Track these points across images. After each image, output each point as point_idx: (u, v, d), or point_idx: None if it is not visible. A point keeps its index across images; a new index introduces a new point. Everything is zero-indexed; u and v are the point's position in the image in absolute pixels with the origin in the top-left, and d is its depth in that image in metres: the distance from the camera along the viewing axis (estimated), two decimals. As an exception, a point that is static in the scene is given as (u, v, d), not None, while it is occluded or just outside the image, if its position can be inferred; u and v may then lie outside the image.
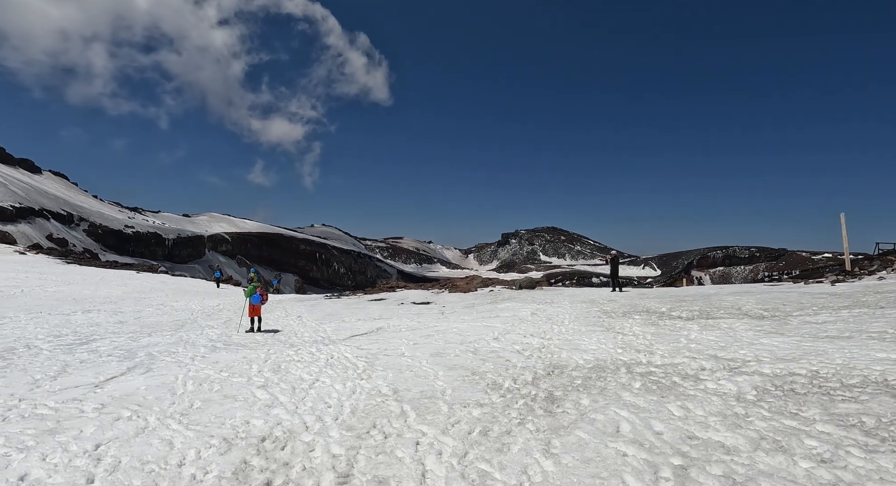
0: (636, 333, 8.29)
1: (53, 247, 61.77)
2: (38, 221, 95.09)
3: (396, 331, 10.54)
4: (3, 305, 13.79)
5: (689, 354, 6.15)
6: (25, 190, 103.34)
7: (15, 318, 11.93)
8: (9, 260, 26.36)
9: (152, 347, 8.88)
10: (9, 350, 8.36)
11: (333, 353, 8.23)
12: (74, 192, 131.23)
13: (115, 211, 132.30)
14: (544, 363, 6.57)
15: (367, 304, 17.15)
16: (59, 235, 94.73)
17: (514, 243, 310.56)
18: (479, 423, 4.13)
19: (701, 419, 3.66)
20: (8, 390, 5.86)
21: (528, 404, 4.67)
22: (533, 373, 6.01)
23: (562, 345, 7.80)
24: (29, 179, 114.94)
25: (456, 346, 8.32)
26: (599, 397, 4.59)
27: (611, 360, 6.41)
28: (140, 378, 6.42)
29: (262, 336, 10.44)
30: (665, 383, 4.93)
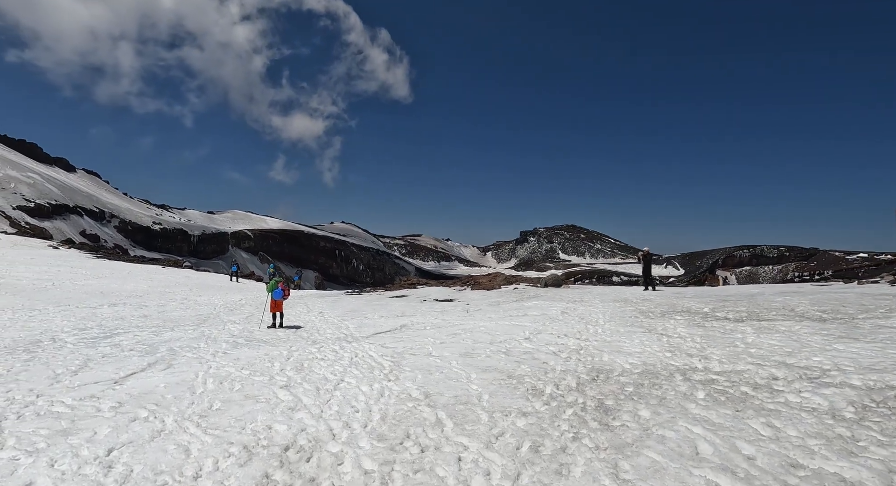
0: (682, 335, 7.63)
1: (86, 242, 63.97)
2: (72, 218, 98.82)
3: (421, 329, 10.13)
4: (34, 297, 14.00)
5: (753, 360, 5.50)
6: (61, 188, 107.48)
7: (44, 310, 12.04)
8: (43, 254, 27.15)
9: (174, 342, 8.70)
10: (35, 343, 8.31)
11: (357, 351, 7.87)
12: (105, 190, 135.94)
13: (143, 208, 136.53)
14: (586, 367, 6.03)
15: (389, 300, 16.83)
16: (92, 231, 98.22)
17: (533, 241, 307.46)
18: (526, 436, 3.65)
19: (798, 442, 3.08)
20: (28, 384, 5.68)
21: (578, 414, 4.15)
22: (576, 378, 5.48)
23: (601, 347, 7.23)
24: (64, 178, 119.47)
25: (486, 346, 7.85)
26: (661, 409, 4.04)
27: (661, 364, 5.82)
28: (160, 375, 6.18)
29: (283, 332, 10.18)
30: (734, 393, 4.33)
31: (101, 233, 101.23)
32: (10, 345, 8.06)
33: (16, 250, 27.32)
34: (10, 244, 29.81)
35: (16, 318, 10.77)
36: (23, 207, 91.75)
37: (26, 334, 9.01)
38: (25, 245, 31.23)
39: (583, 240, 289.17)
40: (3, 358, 7.11)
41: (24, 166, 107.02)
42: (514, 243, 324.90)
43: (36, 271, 19.79)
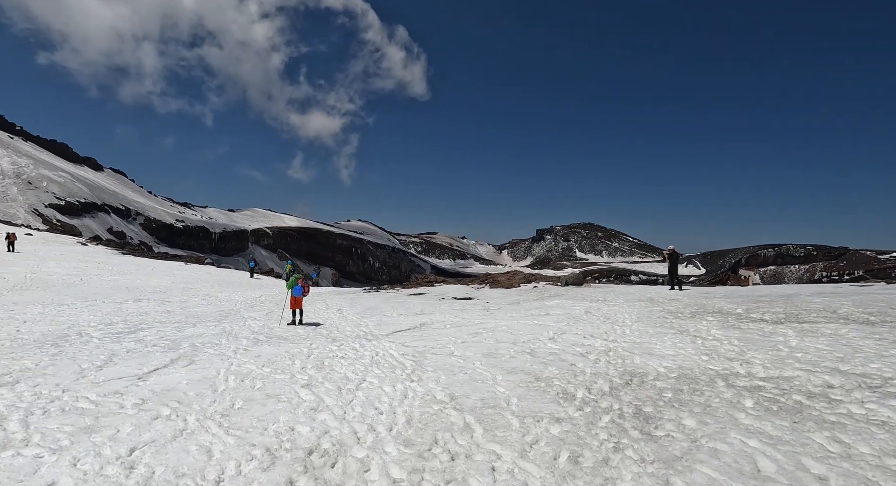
0: (717, 337, 7.25)
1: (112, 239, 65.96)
2: (100, 216, 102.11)
3: (441, 327, 9.95)
4: (63, 292, 14.35)
5: (801, 366, 5.13)
6: (90, 186, 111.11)
7: (72, 305, 12.30)
8: (72, 251, 27.98)
9: (196, 338, 8.72)
10: (62, 337, 8.43)
11: (378, 349, 7.73)
12: (131, 188, 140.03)
13: (167, 206, 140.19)
14: (617, 370, 5.74)
15: (407, 298, 16.71)
16: (118, 228, 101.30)
17: (549, 240, 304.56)
18: (563, 445, 3.42)
19: (875, 461, 2.78)
20: (55, 379, 5.71)
21: (616, 421, 3.90)
22: (608, 381, 5.21)
23: (631, 348, 6.92)
24: (92, 177, 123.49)
25: (509, 346, 7.61)
26: (707, 418, 3.75)
27: (699, 369, 5.49)
28: (182, 371, 6.14)
29: (303, 329, 10.14)
30: (786, 402, 4.01)
31: (126, 230, 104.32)
32: (39, 339, 8.20)
33: (47, 247, 28.24)
34: (41, 241, 30.84)
35: (45, 312, 11.01)
36: (54, 205, 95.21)
37: (55, 329, 9.17)
38: (56, 242, 32.28)
39: (600, 238, 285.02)
40: (32, 352, 7.21)
41: (55, 166, 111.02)
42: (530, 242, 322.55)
43: (65, 267, 20.36)
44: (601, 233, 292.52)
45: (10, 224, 38.32)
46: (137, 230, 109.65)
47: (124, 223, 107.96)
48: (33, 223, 63.84)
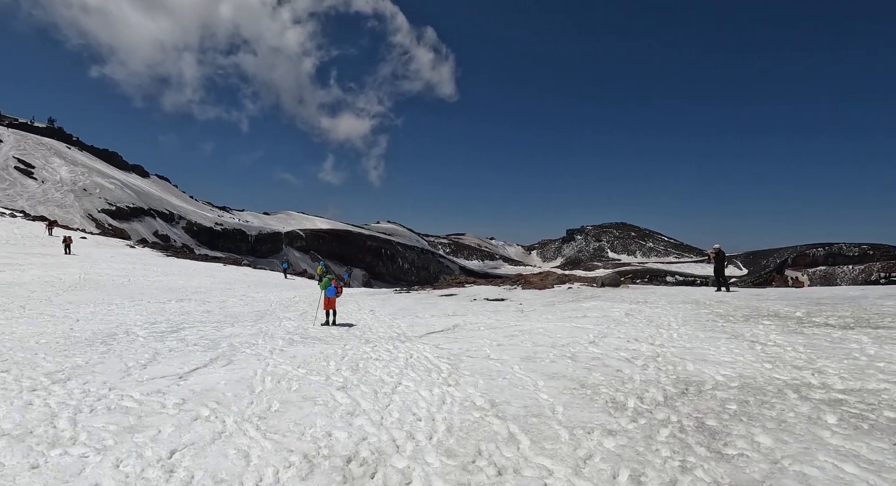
0: (778, 343, 6.66)
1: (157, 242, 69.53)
2: (146, 220, 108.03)
3: (475, 329, 9.71)
4: (113, 292, 15.07)
5: (886, 377, 4.57)
6: (137, 192, 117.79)
7: (121, 304, 12.86)
8: (121, 253, 29.57)
9: (234, 338, 8.87)
10: (111, 336, 8.77)
11: (412, 352, 7.58)
12: (175, 193, 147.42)
13: (207, 210, 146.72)
14: (669, 377, 5.33)
15: (439, 299, 16.57)
16: (163, 231, 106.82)
17: (580, 240, 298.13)
18: (621, 462, 3.12)
19: None
20: (102, 377, 5.87)
21: (677, 435, 3.54)
22: (661, 390, 4.82)
23: (681, 354, 6.45)
24: (140, 183, 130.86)
25: (547, 349, 7.29)
26: (785, 436, 3.35)
27: (763, 378, 5.01)
28: (221, 371, 6.19)
29: (337, 330, 10.15)
30: (878, 420, 3.53)
31: (170, 233, 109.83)
32: (89, 337, 8.55)
33: (99, 249, 29.97)
34: (94, 244, 32.79)
35: (96, 311, 11.55)
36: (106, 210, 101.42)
37: (104, 327, 9.56)
38: (107, 245, 34.25)
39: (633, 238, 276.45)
40: (84, 350, 7.50)
41: (106, 174, 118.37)
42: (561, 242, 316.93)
43: (115, 268, 21.48)
44: (634, 233, 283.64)
45: (67, 228, 41.05)
46: (180, 233, 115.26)
47: (168, 227, 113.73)
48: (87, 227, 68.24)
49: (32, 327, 9.41)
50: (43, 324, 9.65)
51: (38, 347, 7.65)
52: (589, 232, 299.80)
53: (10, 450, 3.48)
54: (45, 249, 25.80)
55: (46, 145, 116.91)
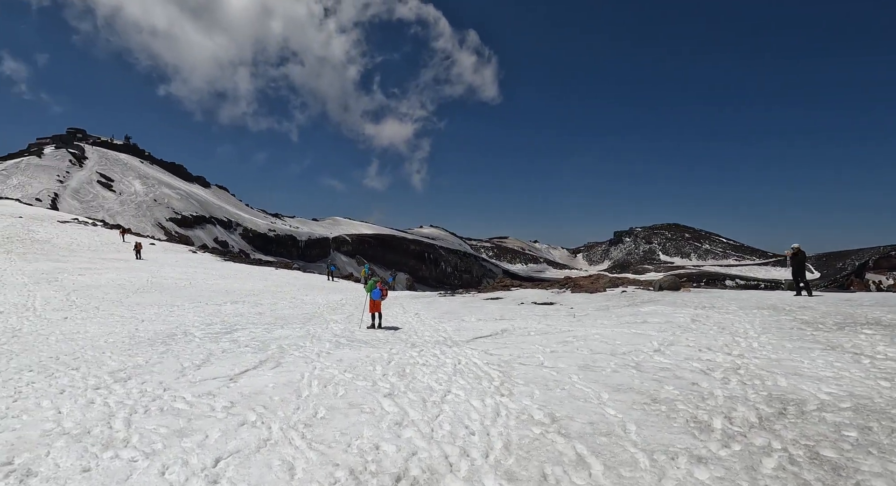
0: (891, 356, 5.67)
1: (217, 247, 74.18)
2: (208, 227, 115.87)
3: (524, 334, 9.21)
4: (175, 295, 15.95)
5: None
6: (200, 202, 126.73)
7: (181, 306, 13.54)
8: (184, 258, 31.62)
9: (283, 340, 8.94)
10: (171, 336, 9.14)
11: (460, 357, 7.23)
12: (232, 202, 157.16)
13: (261, 217, 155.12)
14: (759, 394, 4.61)
15: (484, 303, 16.13)
16: (222, 238, 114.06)
17: (629, 242, 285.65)
18: (721, 499, 2.58)
19: None
20: (159, 377, 6.01)
21: (788, 468, 2.93)
22: (752, 409, 4.15)
23: (768, 367, 5.64)
24: (202, 193, 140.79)
25: (607, 357, 6.68)
26: (937, 476, 2.65)
27: (882, 399, 4.19)
28: (269, 374, 6.15)
29: (382, 333, 10.01)
30: None
31: (229, 239, 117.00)
32: (151, 337, 8.95)
33: (165, 254, 32.24)
34: (161, 249, 35.36)
35: (159, 313, 12.20)
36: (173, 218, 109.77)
37: (165, 328, 10.01)
38: (172, 250, 36.82)
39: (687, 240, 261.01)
40: (145, 350, 7.81)
41: (173, 185, 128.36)
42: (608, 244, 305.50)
43: (178, 272, 22.90)
44: (688, 234, 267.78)
45: (138, 235, 44.71)
46: (237, 239, 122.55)
47: (227, 233, 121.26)
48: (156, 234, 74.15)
49: (103, 326, 10.03)
50: (112, 324, 10.28)
51: (106, 346, 8.07)
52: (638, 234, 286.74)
53: (67, 451, 3.49)
54: (119, 254, 28.06)
55: (123, 161, 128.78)
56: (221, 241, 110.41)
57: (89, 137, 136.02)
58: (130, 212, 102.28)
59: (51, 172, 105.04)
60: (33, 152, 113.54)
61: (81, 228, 36.87)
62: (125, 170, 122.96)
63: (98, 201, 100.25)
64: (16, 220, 33.30)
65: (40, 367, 6.40)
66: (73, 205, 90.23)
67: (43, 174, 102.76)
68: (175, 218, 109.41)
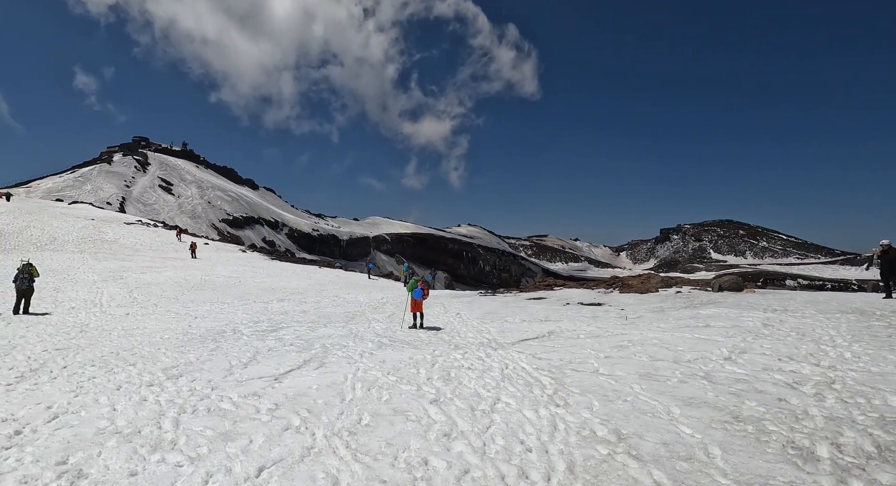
0: None
1: (265, 247, 77.60)
2: (256, 227, 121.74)
3: (573, 337, 8.68)
4: (226, 292, 16.61)
5: None
6: (249, 204, 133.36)
7: (231, 304, 14.02)
8: (234, 257, 33.16)
9: (326, 338, 8.93)
10: (221, 333, 9.38)
11: (507, 361, 6.86)
12: (279, 204, 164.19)
13: (305, 217, 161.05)
14: (867, 415, 3.93)
15: (527, 303, 15.60)
16: (270, 237, 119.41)
17: (676, 240, 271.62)
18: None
19: None
20: (209, 374, 6.07)
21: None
22: (865, 435, 3.50)
23: (870, 382, 4.86)
24: (251, 195, 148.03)
25: (670, 365, 6.08)
26: None
27: None
28: (313, 375, 6.07)
29: (425, 334, 9.80)
30: None
31: (276, 239, 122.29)
32: (203, 334, 9.22)
33: (218, 254, 33.95)
34: (214, 249, 37.30)
35: (211, 310, 12.67)
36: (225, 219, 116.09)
37: (216, 325, 10.32)
38: (224, 249, 38.77)
39: (742, 237, 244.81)
40: (197, 346, 8.02)
41: (225, 188, 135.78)
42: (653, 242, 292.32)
43: (229, 270, 23.97)
44: (743, 231, 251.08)
45: (194, 235, 47.53)
46: (283, 239, 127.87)
47: (274, 233, 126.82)
48: (210, 235, 78.72)
49: (161, 323, 10.51)
50: (168, 320, 10.74)
51: (162, 342, 8.38)
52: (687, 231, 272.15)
53: (117, 452, 3.48)
54: (177, 253, 29.81)
55: (181, 166, 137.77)
56: (269, 240, 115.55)
57: (152, 145, 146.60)
58: (187, 214, 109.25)
59: (119, 177, 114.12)
60: (104, 160, 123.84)
61: (144, 229, 39.57)
62: (183, 174, 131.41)
63: (159, 204, 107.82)
64: (89, 222, 36.23)
65: (102, 362, 6.67)
66: (137, 208, 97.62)
67: (112, 180, 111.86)
68: (227, 219, 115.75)
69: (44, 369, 6.18)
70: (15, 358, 6.70)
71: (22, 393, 5.05)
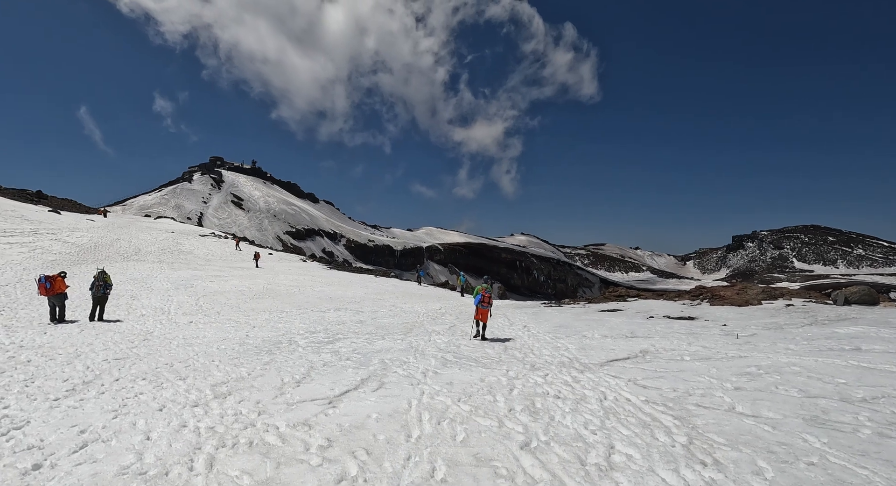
0: None
1: (324, 257, 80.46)
2: (316, 239, 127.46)
3: (675, 359, 7.13)
4: (285, 301, 16.54)
5: None
6: (310, 216, 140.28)
7: (289, 313, 13.76)
8: (295, 266, 34.09)
9: (385, 353, 8.09)
10: (276, 344, 8.88)
11: (602, 388, 5.55)
12: (337, 216, 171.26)
13: (361, 228, 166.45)
14: None
15: (601, 315, 13.92)
16: (329, 248, 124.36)
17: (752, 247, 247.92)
18: None
19: None
20: (258, 394, 5.38)
21: None
22: None
23: None
24: (312, 208, 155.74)
25: (839, 405, 4.48)
26: None
27: None
28: (371, 398, 5.17)
29: (492, 349, 8.66)
30: None
31: (334, 250, 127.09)
32: (259, 345, 8.76)
33: (281, 263, 35.13)
34: (277, 259, 38.77)
35: (269, 319, 12.41)
36: (289, 231, 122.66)
37: (272, 335, 9.89)
38: (286, 259, 40.20)
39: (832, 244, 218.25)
40: (251, 359, 7.49)
41: (289, 202, 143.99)
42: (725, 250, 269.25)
43: (290, 279, 24.37)
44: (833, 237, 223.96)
45: (252, 244, 50.11)
46: (341, 250, 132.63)
47: (333, 244, 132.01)
48: (275, 246, 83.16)
49: (220, 331, 10.28)
50: (227, 329, 10.51)
51: (218, 353, 7.96)
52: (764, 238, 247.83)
53: (132, 504, 2.71)
54: (244, 263, 31.11)
55: (251, 182, 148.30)
56: (328, 251, 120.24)
57: (226, 164, 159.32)
58: (255, 226, 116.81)
59: (198, 194, 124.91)
60: (185, 178, 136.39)
61: (216, 240, 42.12)
62: (252, 191, 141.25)
63: (232, 218, 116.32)
64: (169, 234, 39.17)
65: (154, 374, 6.25)
66: (213, 222, 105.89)
67: (192, 197, 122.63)
68: (290, 231, 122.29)
69: (97, 381, 5.83)
70: (75, 368, 6.47)
71: (64, 411, 4.60)
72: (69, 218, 38.19)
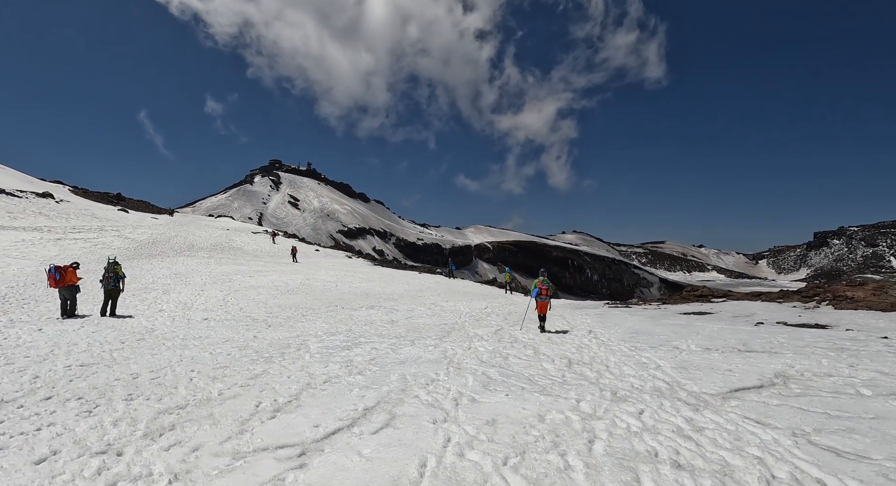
0: None
1: (372, 255, 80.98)
2: (368, 238, 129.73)
3: (848, 392, 4.61)
4: (317, 297, 15.27)
5: None
6: (361, 215, 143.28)
7: (316, 310, 12.35)
8: (339, 263, 33.46)
9: (410, 364, 6.21)
10: (282, 349, 7.30)
11: (750, 448, 3.26)
12: (387, 215, 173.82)
13: (410, 227, 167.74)
14: None
15: (689, 320, 11.14)
16: (379, 247, 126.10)
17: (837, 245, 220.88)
18: None
19: None
20: (209, 432, 3.69)
21: None
22: None
23: None
24: (363, 208, 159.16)
25: None
26: None
27: None
28: (369, 446, 3.28)
29: (552, 363, 6.47)
30: None
31: (384, 248, 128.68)
32: (262, 349, 7.23)
33: (325, 259, 34.71)
34: (323, 255, 38.55)
35: (291, 316, 11.02)
36: (341, 230, 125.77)
37: (284, 337, 8.37)
38: (331, 255, 39.94)
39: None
40: (241, 368, 5.93)
41: (341, 202, 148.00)
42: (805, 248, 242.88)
43: (330, 275, 23.40)
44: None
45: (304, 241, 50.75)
46: (391, 248, 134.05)
47: (383, 243, 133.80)
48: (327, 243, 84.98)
49: (230, 330, 8.94)
50: (238, 329, 9.15)
51: (208, 358, 6.48)
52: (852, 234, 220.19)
53: None
54: (287, 258, 30.88)
55: (306, 184, 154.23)
56: (378, 250, 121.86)
57: (284, 166, 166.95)
58: (310, 226, 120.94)
59: (258, 196, 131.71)
60: (248, 181, 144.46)
61: (267, 237, 42.83)
62: (307, 191, 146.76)
63: (289, 218, 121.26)
64: (223, 232, 40.26)
65: (102, 390, 4.79)
66: (272, 221, 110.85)
67: (253, 198, 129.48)
68: (343, 230, 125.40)
69: (21, 400, 4.43)
70: (20, 377, 5.20)
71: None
72: (135, 216, 40.39)
